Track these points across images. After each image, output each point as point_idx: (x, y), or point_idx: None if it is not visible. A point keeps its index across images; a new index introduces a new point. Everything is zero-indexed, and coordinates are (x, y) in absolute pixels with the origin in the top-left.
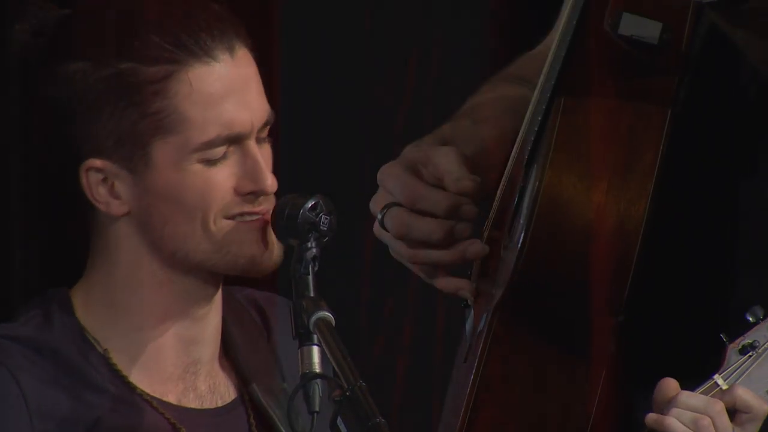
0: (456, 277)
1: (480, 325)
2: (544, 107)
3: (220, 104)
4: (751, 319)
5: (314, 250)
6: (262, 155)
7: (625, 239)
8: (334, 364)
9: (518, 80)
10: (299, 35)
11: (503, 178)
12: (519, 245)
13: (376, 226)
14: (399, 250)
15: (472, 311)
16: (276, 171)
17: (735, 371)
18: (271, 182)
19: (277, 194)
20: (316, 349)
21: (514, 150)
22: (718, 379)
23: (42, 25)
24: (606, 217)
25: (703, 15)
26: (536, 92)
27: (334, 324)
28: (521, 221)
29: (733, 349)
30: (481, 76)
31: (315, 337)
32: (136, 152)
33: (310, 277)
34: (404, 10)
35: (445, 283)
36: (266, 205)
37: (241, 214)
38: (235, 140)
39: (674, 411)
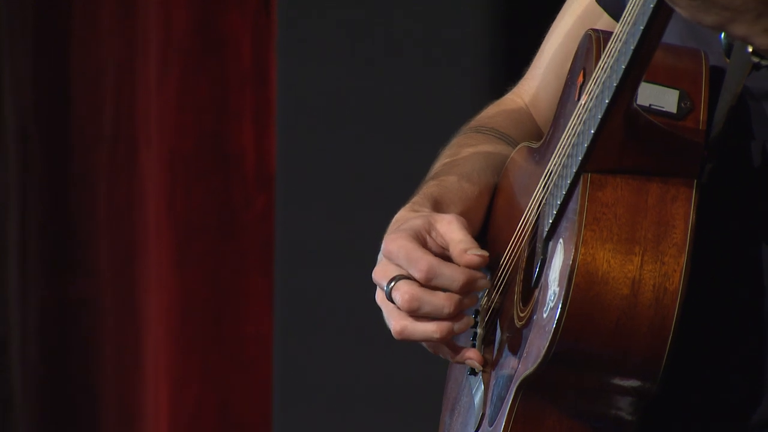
0: (463, 347)
1: (490, 395)
2: (569, 182)
3: None
4: None
5: None
6: None
7: (662, 313)
8: None
9: (493, 132)
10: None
11: (510, 246)
12: (554, 322)
13: (380, 297)
14: (403, 323)
15: (481, 379)
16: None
17: None
18: None
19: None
20: None
21: (523, 218)
22: None
23: None
24: (642, 293)
25: (723, 79)
26: (553, 165)
27: None
28: (549, 297)
29: None
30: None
31: None
32: None
33: None
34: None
35: (453, 353)
36: None
37: None
38: None
39: None
